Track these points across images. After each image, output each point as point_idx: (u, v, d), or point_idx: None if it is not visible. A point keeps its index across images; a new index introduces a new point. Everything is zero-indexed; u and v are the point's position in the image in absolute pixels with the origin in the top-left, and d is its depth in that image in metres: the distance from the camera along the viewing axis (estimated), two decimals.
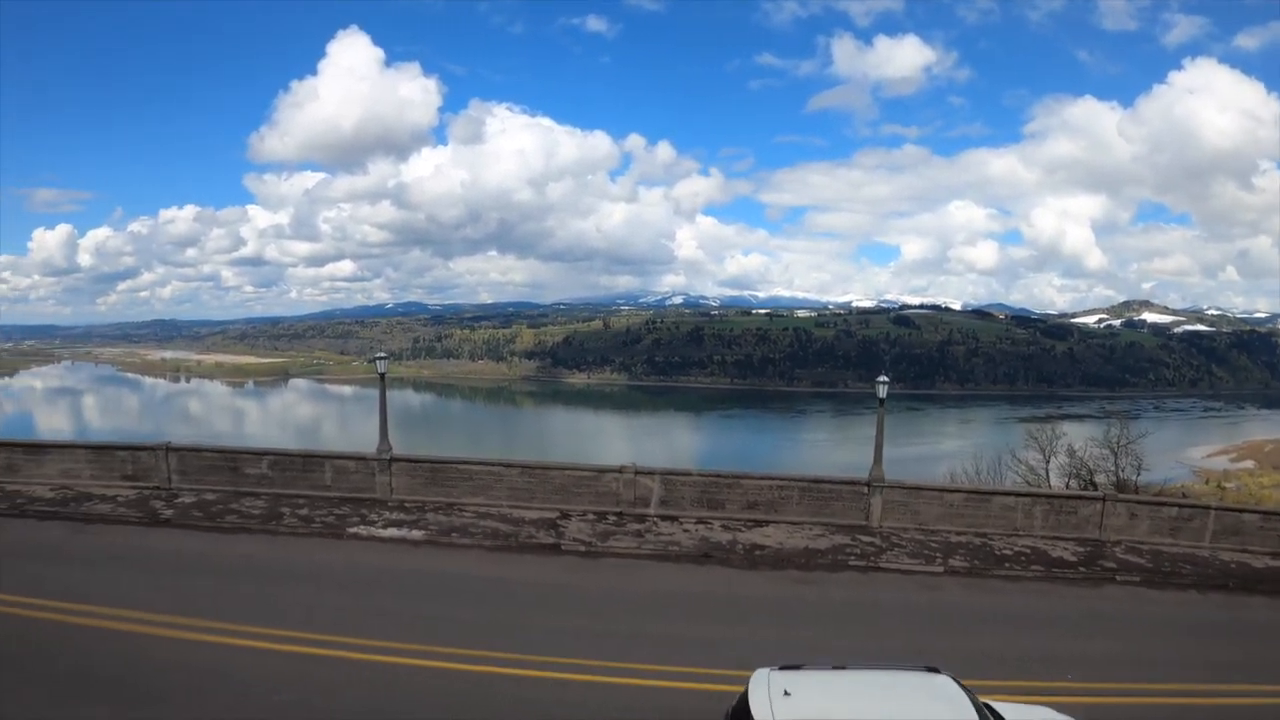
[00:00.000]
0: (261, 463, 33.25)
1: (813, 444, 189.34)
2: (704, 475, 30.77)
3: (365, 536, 27.77)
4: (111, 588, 22.77)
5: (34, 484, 34.41)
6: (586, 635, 19.38)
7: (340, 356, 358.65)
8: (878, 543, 27.69)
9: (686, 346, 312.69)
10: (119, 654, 18.90)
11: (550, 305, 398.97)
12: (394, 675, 17.70)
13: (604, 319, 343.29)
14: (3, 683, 17.45)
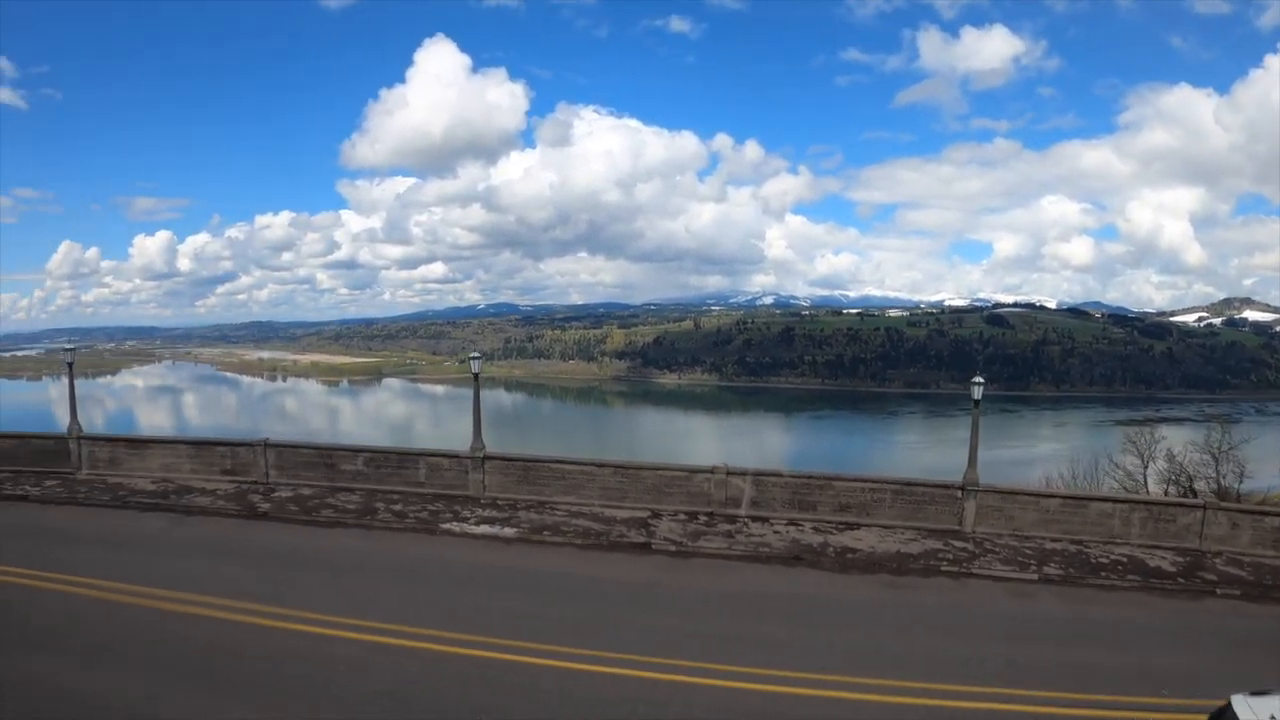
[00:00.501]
0: (357, 459, 33.86)
1: (904, 446, 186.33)
2: (795, 476, 30.40)
3: (458, 533, 28.11)
4: (209, 578, 23.55)
5: (136, 477, 35.44)
6: (676, 635, 19.44)
7: (432, 356, 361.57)
8: (970, 548, 27.04)
9: (777, 347, 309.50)
10: (213, 641, 19.54)
11: (641, 305, 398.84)
12: (483, 669, 17.86)
13: (694, 319, 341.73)
14: (106, 667, 18.22)
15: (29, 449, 38.67)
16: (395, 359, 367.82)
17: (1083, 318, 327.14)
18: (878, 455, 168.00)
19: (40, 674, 18.04)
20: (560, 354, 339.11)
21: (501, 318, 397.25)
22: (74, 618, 21.15)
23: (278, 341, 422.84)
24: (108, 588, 22.88)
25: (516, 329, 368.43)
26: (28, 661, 18.71)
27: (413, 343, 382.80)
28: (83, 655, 19.01)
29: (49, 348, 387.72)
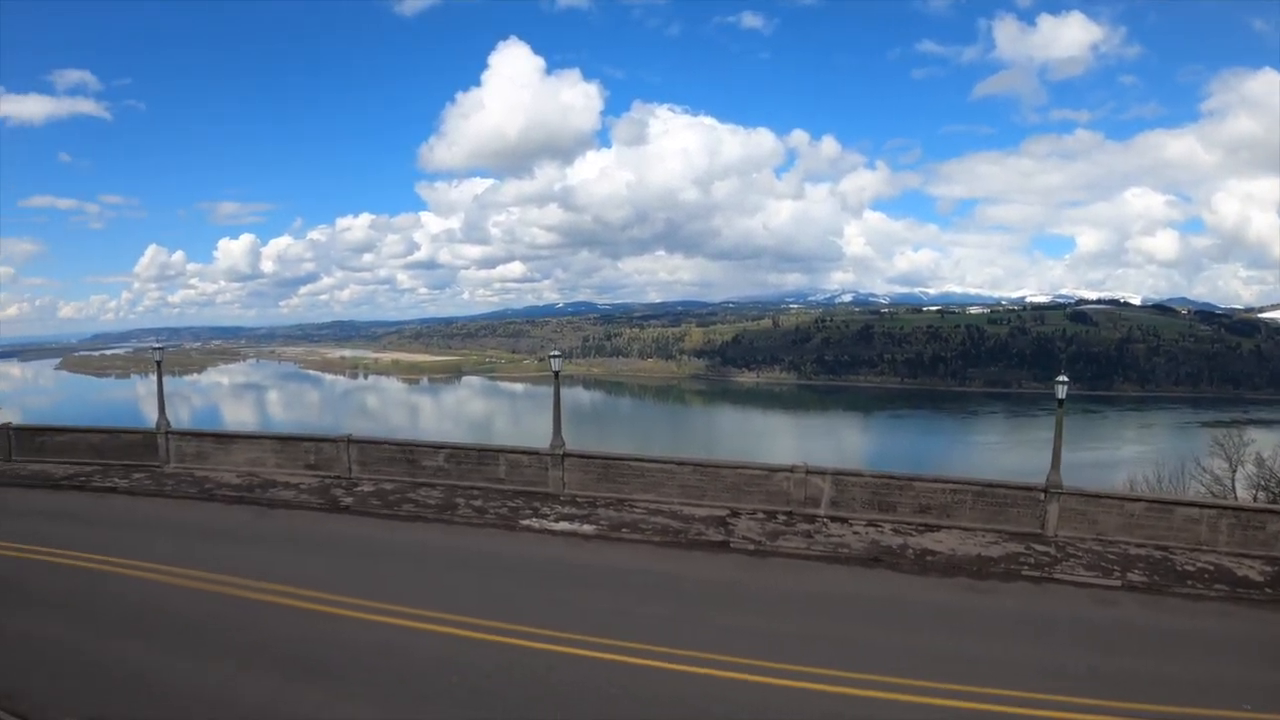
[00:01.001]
0: (438, 455, 34.24)
1: (984, 447, 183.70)
2: (876, 476, 30.03)
3: (537, 529, 28.30)
4: (292, 569, 24.07)
5: (222, 471, 36.22)
6: (753, 634, 19.33)
7: (511, 355, 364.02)
8: (1052, 552, 26.27)
9: (856, 345, 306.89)
10: (296, 630, 19.96)
11: (719, 304, 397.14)
12: (561, 664, 17.94)
13: (773, 317, 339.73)
14: (189, 652, 18.68)
15: (118, 443, 39.75)
16: (475, 357, 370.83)
17: (1168, 314, 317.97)
18: (957, 456, 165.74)
19: (125, 657, 18.61)
20: (638, 352, 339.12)
21: (580, 316, 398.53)
22: (159, 604, 21.76)
23: (359, 340, 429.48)
24: (193, 576, 23.49)
25: (595, 327, 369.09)
26: (113, 644, 19.31)
27: (492, 341, 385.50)
28: (167, 640, 19.49)
29: (137, 347, 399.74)
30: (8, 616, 21.15)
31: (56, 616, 21.10)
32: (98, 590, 22.99)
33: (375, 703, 16.41)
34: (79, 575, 24.34)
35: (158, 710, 15.58)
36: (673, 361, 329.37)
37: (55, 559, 25.66)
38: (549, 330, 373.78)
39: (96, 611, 21.40)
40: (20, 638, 19.93)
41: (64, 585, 23.52)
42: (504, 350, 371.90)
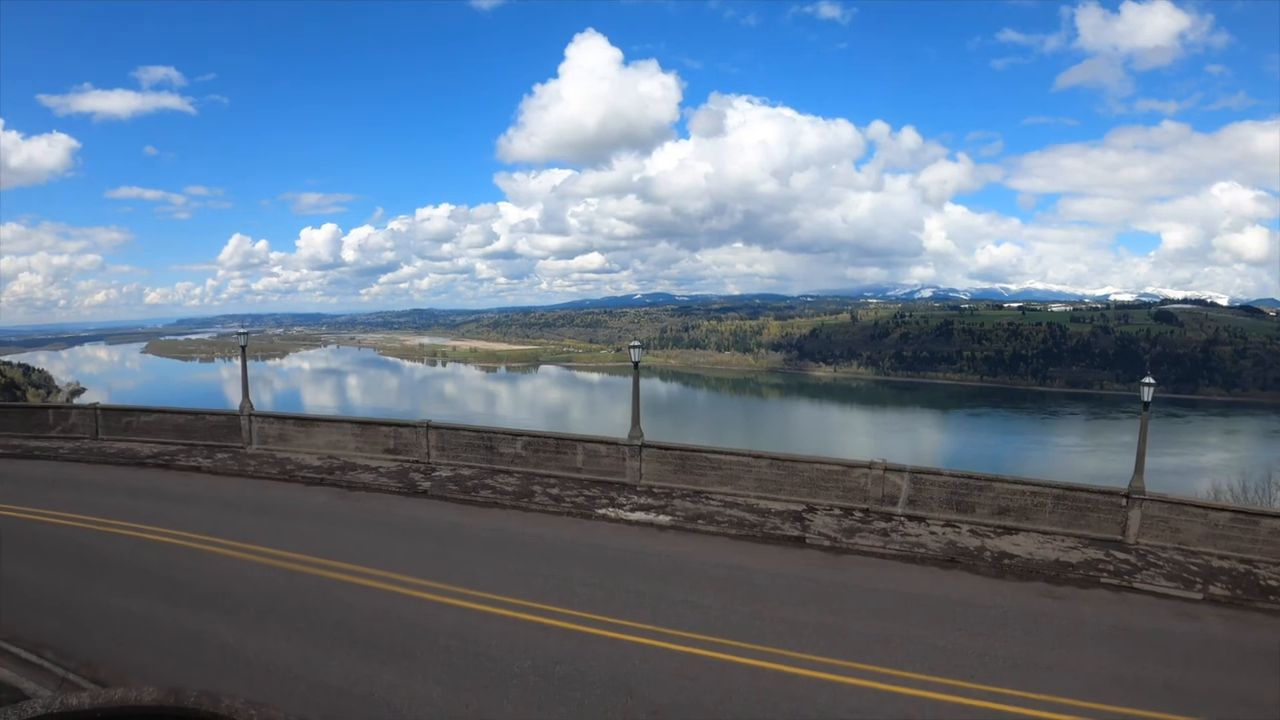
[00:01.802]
0: (516, 443, 34.56)
1: (1064, 449, 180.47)
2: (954, 476, 29.45)
3: (613, 518, 28.38)
4: (370, 550, 24.58)
5: (302, 453, 36.92)
6: (825, 632, 19.26)
7: (589, 345, 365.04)
8: (1133, 560, 25.62)
9: (935, 341, 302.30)
10: (372, 610, 20.28)
11: (797, 297, 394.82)
12: (632, 653, 18.02)
13: (851, 311, 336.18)
14: (269, 629, 19.13)
15: (203, 424, 40.76)
16: (552, 347, 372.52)
17: (1256, 316, 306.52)
18: (1036, 457, 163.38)
19: (206, 631, 19.06)
20: (716, 344, 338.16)
21: (658, 307, 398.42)
22: (241, 581, 22.25)
23: (438, 328, 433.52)
24: (274, 555, 24.10)
25: (672, 319, 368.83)
26: (193, 618, 19.79)
27: (569, 331, 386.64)
28: (246, 616, 19.97)
29: (221, 332, 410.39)
30: (90, 588, 21.86)
31: (138, 589, 21.73)
32: (179, 565, 23.61)
33: (447, 684, 16.57)
34: (162, 550, 25.01)
35: (236, 683, 15.81)
36: (750, 354, 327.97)
37: (139, 534, 26.43)
38: (626, 321, 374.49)
39: (177, 586, 21.94)
40: (101, 608, 20.55)
41: (147, 559, 24.19)
42: (581, 340, 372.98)
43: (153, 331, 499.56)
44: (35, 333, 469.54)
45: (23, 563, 23.86)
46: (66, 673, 16.68)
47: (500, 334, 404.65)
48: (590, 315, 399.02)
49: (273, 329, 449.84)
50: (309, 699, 15.80)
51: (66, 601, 21.03)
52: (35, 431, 43.81)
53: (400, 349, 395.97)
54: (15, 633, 18.60)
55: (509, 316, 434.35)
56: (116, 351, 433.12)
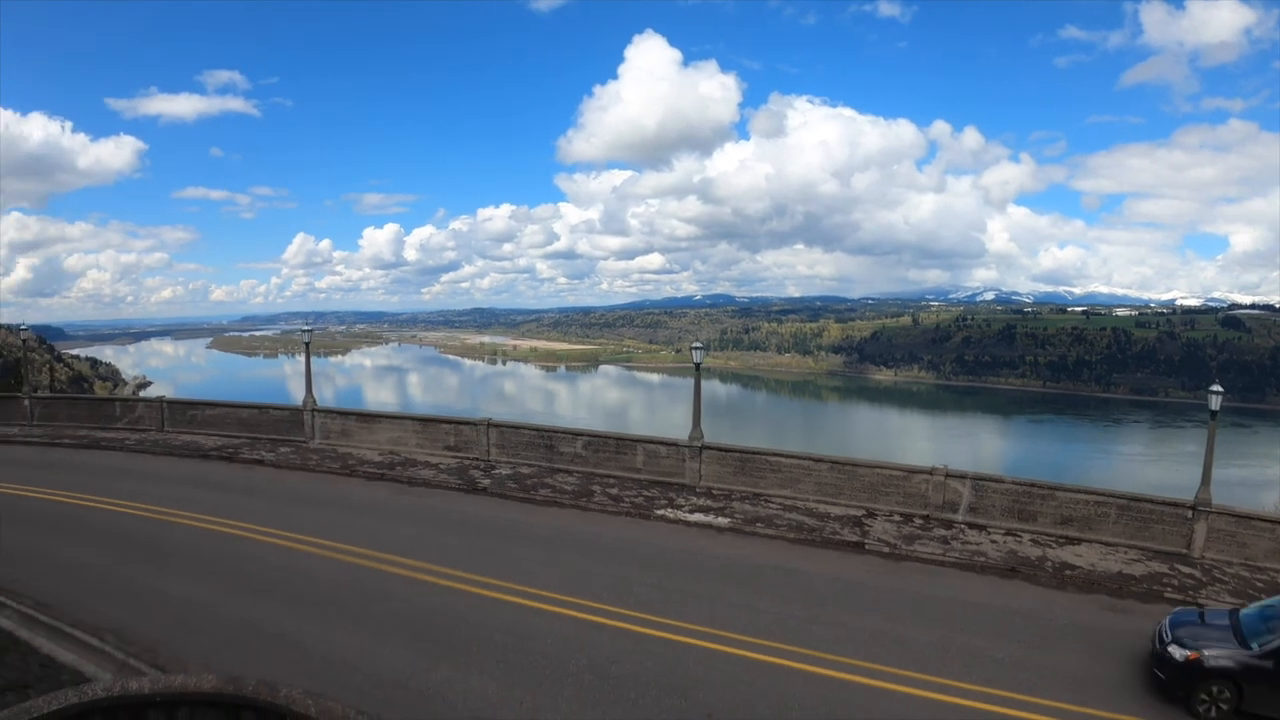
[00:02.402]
0: (576, 442, 34.60)
1: (1127, 458, 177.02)
2: (1017, 483, 28.87)
3: (672, 519, 28.32)
4: (429, 545, 24.84)
5: (364, 449, 37.26)
6: (882, 639, 19.08)
7: (649, 345, 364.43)
8: (1197, 575, 24.74)
9: (997, 345, 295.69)
10: (430, 604, 20.52)
11: (858, 300, 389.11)
12: (687, 654, 18.01)
13: (913, 314, 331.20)
14: (326, 620, 19.40)
15: (267, 419, 41.28)
16: (612, 347, 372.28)
17: None
18: (1098, 466, 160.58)
19: (263, 620, 19.46)
20: (776, 346, 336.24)
21: (718, 309, 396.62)
22: (300, 572, 22.66)
23: (499, 327, 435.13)
24: (333, 547, 24.43)
25: (733, 320, 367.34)
26: (253, 607, 20.18)
27: (629, 331, 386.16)
28: (305, 607, 20.31)
29: (284, 329, 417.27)
30: (153, 575, 22.34)
31: (200, 578, 22.16)
32: (241, 555, 24.05)
33: (502, 680, 16.67)
34: (224, 540, 25.48)
35: (293, 673, 15.92)
36: (810, 357, 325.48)
37: (201, 524, 26.95)
38: (686, 322, 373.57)
39: (239, 575, 22.36)
40: (162, 596, 20.99)
41: (209, 549, 24.67)
42: (641, 341, 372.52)
43: (218, 327, 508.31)
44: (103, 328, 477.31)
45: (88, 549, 24.55)
46: (127, 657, 17.05)
47: (560, 333, 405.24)
48: (650, 316, 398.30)
49: (335, 326, 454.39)
50: (364, 690, 15.98)
51: (129, 588, 21.50)
52: (103, 423, 44.70)
53: (461, 347, 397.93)
54: (78, 617, 19.07)
55: (569, 316, 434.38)
56: (182, 347, 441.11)
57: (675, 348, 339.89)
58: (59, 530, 26.71)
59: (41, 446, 40.41)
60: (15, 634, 17.28)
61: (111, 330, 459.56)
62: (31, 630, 18.13)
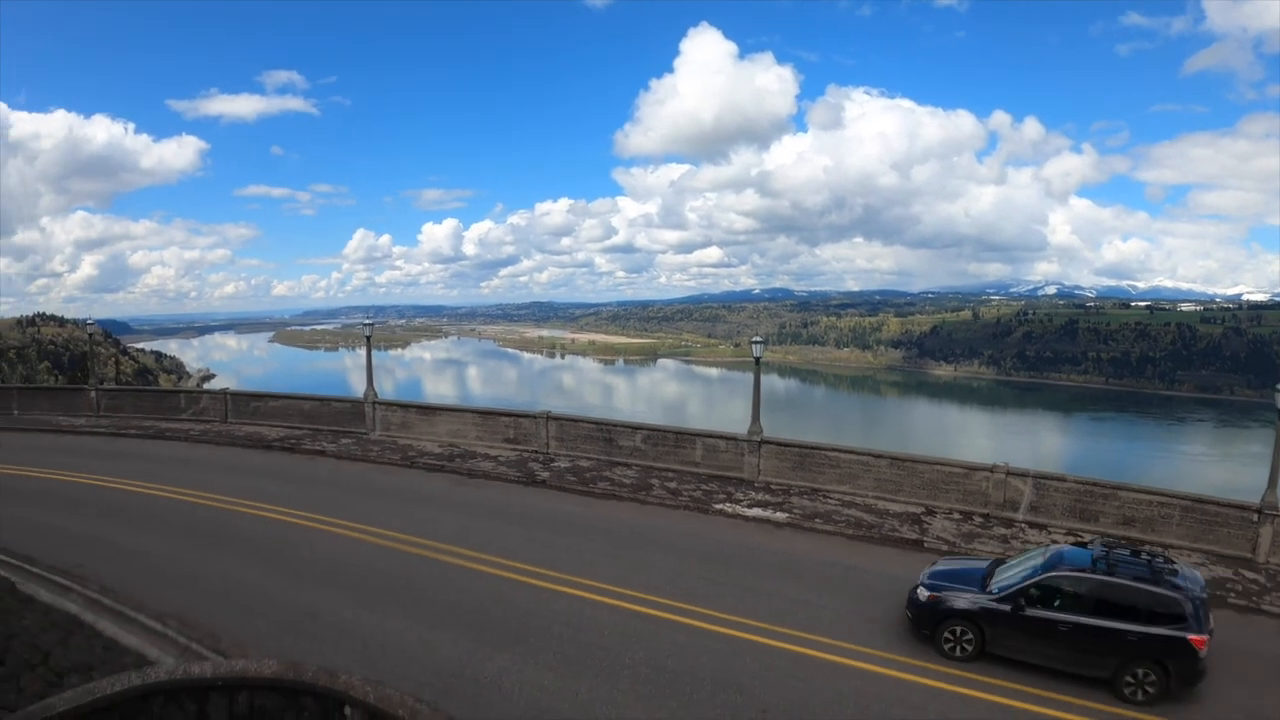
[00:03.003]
0: (635, 436, 34.63)
1: (1190, 458, 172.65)
2: (1079, 482, 28.19)
3: (730, 513, 28.21)
4: (487, 536, 25.11)
5: (424, 440, 37.59)
6: None
7: (707, 339, 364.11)
8: (1262, 581, 23.62)
9: (1059, 340, 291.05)
10: (488, 594, 20.75)
11: (918, 294, 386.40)
12: (743, 649, 18.02)
13: (973, 309, 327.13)
14: (386, 608, 19.69)
15: (329, 410, 41.75)
16: (670, 340, 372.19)
17: None
18: (1161, 466, 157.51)
19: (323, 608, 19.75)
20: (835, 341, 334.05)
21: (777, 303, 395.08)
22: (359, 561, 23.00)
23: (557, 321, 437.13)
24: (392, 537, 24.79)
25: (791, 314, 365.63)
26: (312, 594, 20.54)
27: (688, 325, 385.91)
28: (364, 595, 20.59)
29: (345, 323, 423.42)
30: (215, 561, 22.81)
31: (261, 566, 22.58)
32: (301, 544, 24.46)
33: (559, 671, 16.78)
34: (285, 529, 25.91)
35: (351, 659, 16.14)
36: (869, 351, 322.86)
37: (263, 513, 27.43)
38: (745, 316, 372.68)
39: (299, 563, 22.78)
40: (224, 583, 21.37)
41: (270, 537, 25.13)
42: (699, 335, 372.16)
43: (279, 321, 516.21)
44: (168, 322, 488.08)
45: (152, 537, 25.11)
46: (189, 642, 17.34)
47: (619, 327, 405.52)
48: (708, 310, 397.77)
49: (395, 320, 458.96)
50: (421, 679, 16.13)
51: (192, 575, 21.94)
52: (168, 414, 45.39)
53: (519, 341, 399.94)
54: (142, 602, 19.42)
55: (627, 310, 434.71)
56: (245, 340, 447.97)
57: (733, 342, 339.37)
58: (124, 518, 27.28)
59: (108, 436, 41.11)
60: (80, 617, 17.60)
61: (176, 324, 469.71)
62: (96, 614, 18.49)
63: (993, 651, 18.20)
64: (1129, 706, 16.91)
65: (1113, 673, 17.35)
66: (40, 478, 32.42)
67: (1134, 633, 17.30)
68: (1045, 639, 17.87)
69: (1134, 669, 17.19)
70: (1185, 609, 17.35)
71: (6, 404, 50.51)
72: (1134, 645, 17.24)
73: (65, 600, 18.94)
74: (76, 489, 30.86)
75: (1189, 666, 17.08)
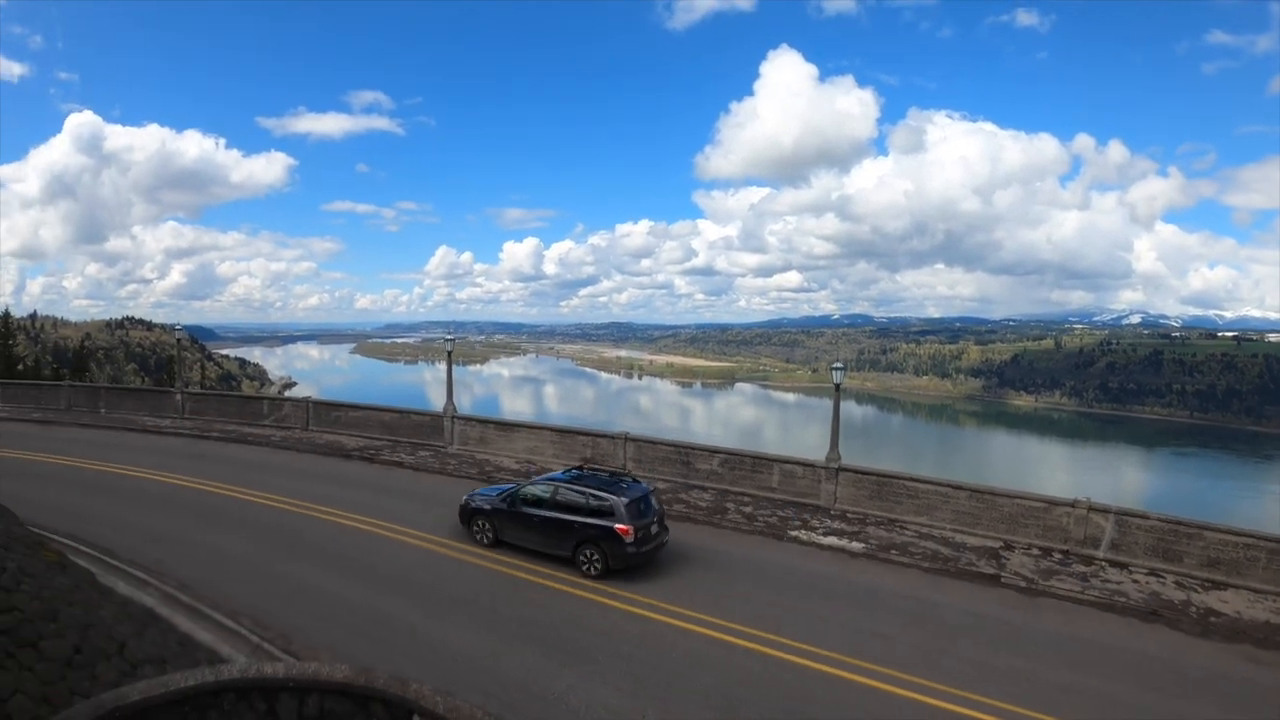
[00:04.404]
0: (712, 459, 34.55)
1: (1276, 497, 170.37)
2: (1162, 520, 27.23)
3: (805, 541, 27.94)
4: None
5: (501, 456, 37.92)
6: (1014, 677, 18.45)
7: (785, 364, 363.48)
8: None
9: (1143, 372, 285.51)
10: (560, 612, 20.91)
11: (999, 321, 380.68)
12: (814, 680, 17.78)
13: (1055, 338, 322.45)
14: (457, 619, 19.91)
15: (408, 423, 42.32)
16: (748, 365, 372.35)
17: None
18: (1247, 506, 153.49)
19: (394, 615, 20.03)
20: (913, 368, 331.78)
21: (856, 329, 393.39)
22: (432, 571, 23.39)
23: (635, 342, 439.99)
24: (465, 550, 25.30)
25: (870, 340, 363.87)
26: (385, 602, 20.84)
27: (766, 350, 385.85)
28: (436, 605, 20.87)
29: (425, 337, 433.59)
30: (289, 564, 23.24)
31: (335, 570, 22.97)
32: (375, 551, 24.81)
33: (626, 691, 16.72)
34: (359, 536, 26.31)
35: (419, 668, 16.28)
36: (948, 380, 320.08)
37: (339, 519, 27.89)
38: (824, 341, 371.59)
39: (372, 570, 23.06)
40: (298, 585, 21.77)
41: (344, 543, 25.53)
42: (778, 359, 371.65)
43: (361, 334, 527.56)
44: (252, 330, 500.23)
45: (229, 537, 25.66)
46: (261, 641, 17.68)
47: (697, 350, 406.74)
48: (787, 334, 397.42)
49: (474, 336, 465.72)
50: (489, 690, 16.21)
51: (266, 576, 22.42)
52: (250, 419, 46.29)
53: (597, 360, 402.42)
54: (217, 600, 19.85)
55: (706, 333, 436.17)
56: (327, 351, 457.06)
57: (812, 367, 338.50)
58: (203, 517, 27.89)
59: (191, 439, 41.88)
60: (156, 611, 17.91)
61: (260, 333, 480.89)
62: (172, 609, 18.83)
63: (503, 539, 25.78)
64: (585, 579, 23.36)
65: (571, 551, 24.21)
66: (125, 475, 33.41)
67: (580, 523, 24.19)
68: (530, 528, 25.20)
69: (584, 549, 23.93)
70: (617, 507, 23.90)
71: (94, 403, 52.39)
72: (580, 531, 24.08)
73: (142, 594, 19.29)
74: (159, 488, 31.69)
75: (618, 549, 23.49)
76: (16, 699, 9.55)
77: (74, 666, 10.85)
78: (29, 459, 35.82)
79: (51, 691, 10.05)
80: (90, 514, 26.87)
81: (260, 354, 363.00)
